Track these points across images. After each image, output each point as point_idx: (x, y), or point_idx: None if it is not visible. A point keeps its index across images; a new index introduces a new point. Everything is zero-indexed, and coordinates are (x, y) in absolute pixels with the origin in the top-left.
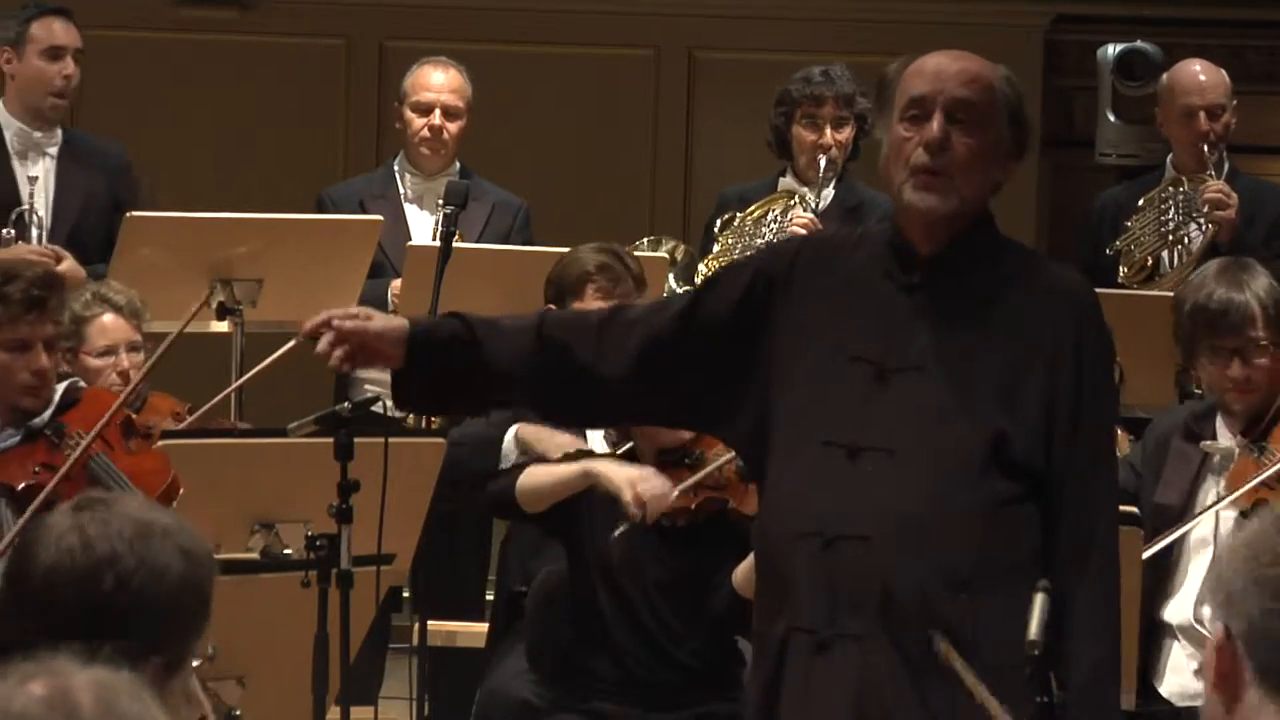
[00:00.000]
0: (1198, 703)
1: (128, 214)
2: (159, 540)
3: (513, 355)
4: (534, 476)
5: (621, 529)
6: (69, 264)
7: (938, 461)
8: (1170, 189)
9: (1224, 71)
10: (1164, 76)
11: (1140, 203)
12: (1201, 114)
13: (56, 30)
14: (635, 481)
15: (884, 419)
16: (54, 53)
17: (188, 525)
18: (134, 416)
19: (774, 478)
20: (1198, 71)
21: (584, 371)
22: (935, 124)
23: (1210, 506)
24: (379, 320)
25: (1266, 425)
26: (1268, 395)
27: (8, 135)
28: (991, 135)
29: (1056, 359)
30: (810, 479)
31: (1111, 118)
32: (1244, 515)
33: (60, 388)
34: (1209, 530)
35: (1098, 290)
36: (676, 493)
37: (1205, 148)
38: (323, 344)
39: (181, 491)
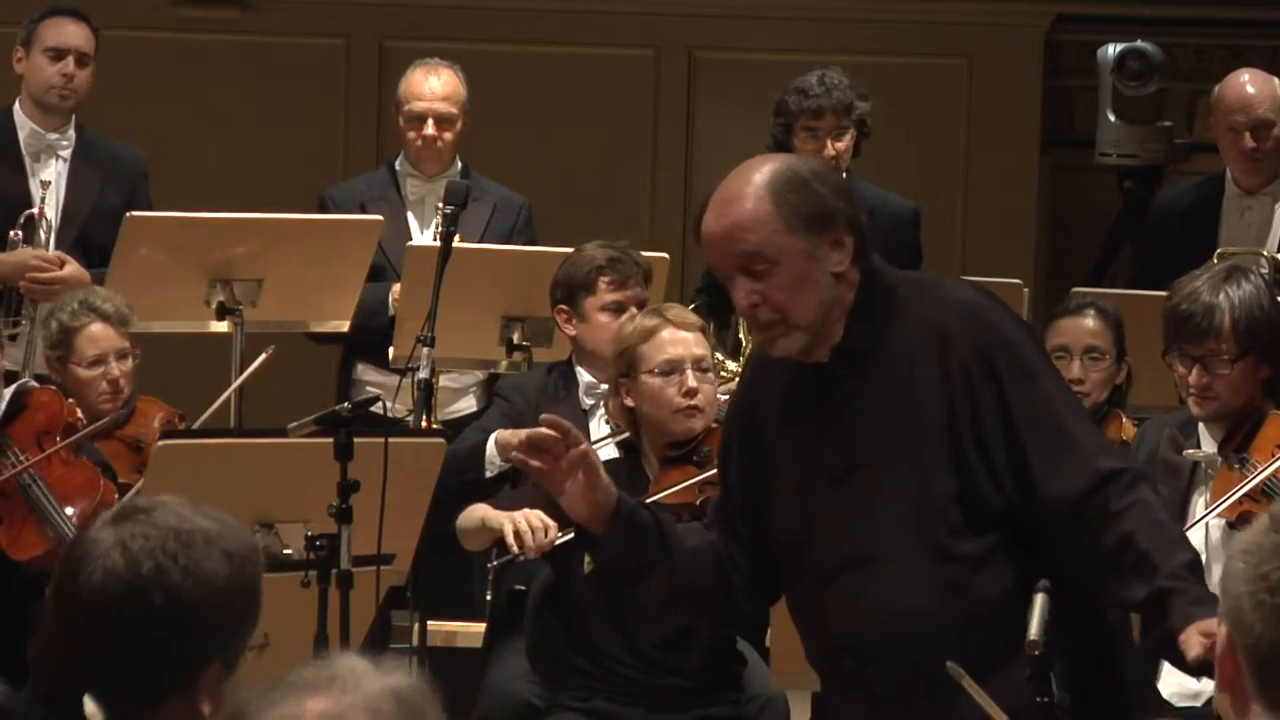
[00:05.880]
0: (1197, 703)
1: (127, 214)
2: (203, 548)
3: (692, 568)
4: (461, 523)
5: (498, 561)
6: (72, 268)
7: (906, 558)
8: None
9: (1276, 81)
10: (1216, 88)
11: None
12: (1247, 133)
13: (60, 31)
14: (515, 519)
15: (846, 528)
16: (55, 53)
17: (228, 522)
18: (80, 421)
19: (794, 609)
20: (1245, 83)
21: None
22: (741, 293)
23: (1199, 519)
24: (605, 473)
25: (1246, 436)
26: (1244, 404)
27: (21, 137)
28: (794, 260)
29: (964, 394)
30: (817, 609)
31: (1111, 118)
32: (1231, 526)
33: (8, 392)
34: (1200, 540)
35: (1126, 291)
36: (673, 491)
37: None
38: (534, 461)
39: (131, 491)
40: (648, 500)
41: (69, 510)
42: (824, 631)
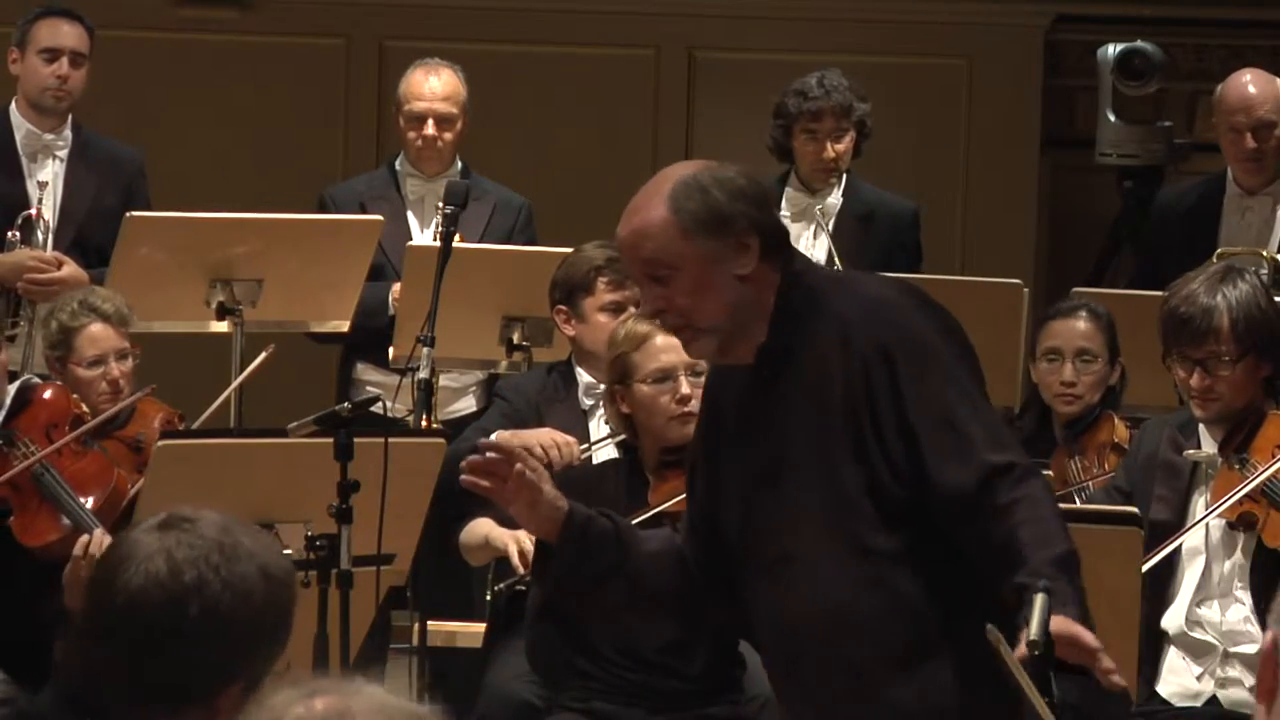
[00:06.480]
0: (1197, 703)
1: (127, 214)
2: (244, 563)
3: (653, 572)
4: (464, 539)
5: (504, 584)
6: (70, 269)
7: (826, 553)
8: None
9: (1278, 81)
10: (1217, 88)
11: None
12: (1248, 133)
13: (55, 31)
14: (520, 539)
15: (774, 527)
16: (50, 54)
17: (268, 542)
18: (86, 414)
19: (748, 604)
20: (1247, 84)
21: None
22: (647, 299)
23: (1199, 520)
24: (550, 487)
25: (1246, 436)
26: (1245, 405)
27: (18, 137)
28: (693, 265)
29: (862, 387)
30: (755, 608)
31: (1111, 118)
32: (1231, 527)
33: (12, 389)
34: (1200, 540)
35: (1127, 292)
36: (675, 502)
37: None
38: (484, 481)
39: (132, 490)
40: (651, 512)
41: (84, 500)
42: (762, 629)
